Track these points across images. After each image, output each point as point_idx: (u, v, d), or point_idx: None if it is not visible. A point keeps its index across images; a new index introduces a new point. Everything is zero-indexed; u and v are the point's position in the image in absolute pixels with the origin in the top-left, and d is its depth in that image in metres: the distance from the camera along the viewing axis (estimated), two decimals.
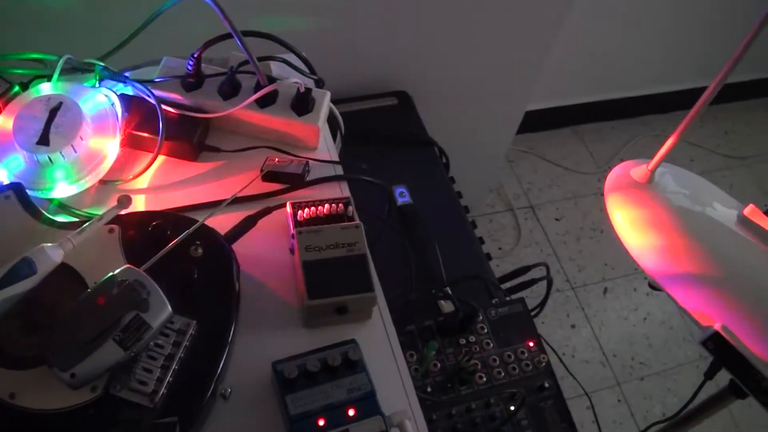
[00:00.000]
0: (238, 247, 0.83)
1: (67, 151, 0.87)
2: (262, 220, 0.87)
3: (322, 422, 0.73)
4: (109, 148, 0.91)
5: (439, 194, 1.54)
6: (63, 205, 0.89)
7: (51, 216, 0.81)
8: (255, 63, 0.93)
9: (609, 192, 1.00)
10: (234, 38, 0.90)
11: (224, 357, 0.74)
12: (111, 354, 0.68)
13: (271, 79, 0.96)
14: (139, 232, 0.80)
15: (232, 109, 0.95)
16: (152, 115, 0.94)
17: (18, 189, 0.81)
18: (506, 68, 1.82)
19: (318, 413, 0.73)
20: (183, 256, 0.78)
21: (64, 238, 0.75)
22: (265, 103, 0.96)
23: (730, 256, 0.95)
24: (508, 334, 1.24)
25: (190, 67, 0.96)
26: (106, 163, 0.91)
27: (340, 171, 0.98)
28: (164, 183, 0.95)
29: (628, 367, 2.24)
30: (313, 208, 0.87)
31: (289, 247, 0.87)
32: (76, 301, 0.71)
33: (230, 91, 0.97)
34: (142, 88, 0.96)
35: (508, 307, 1.26)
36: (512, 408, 1.16)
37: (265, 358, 0.77)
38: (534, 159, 2.67)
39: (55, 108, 0.89)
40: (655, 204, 0.96)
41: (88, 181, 0.90)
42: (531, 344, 1.23)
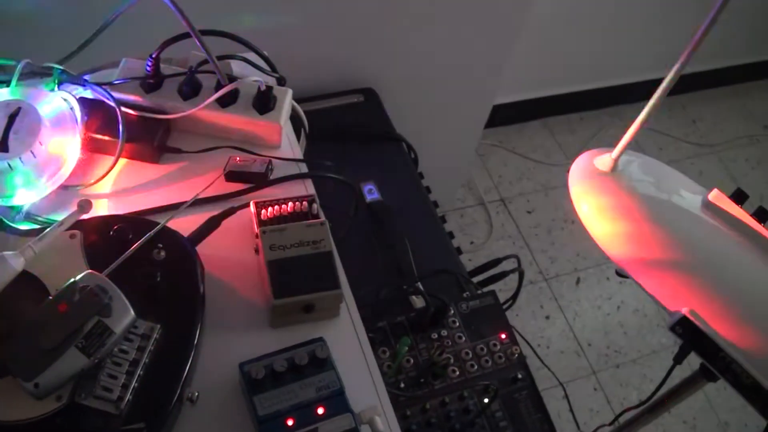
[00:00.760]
0: (202, 249, 0.82)
1: (27, 157, 0.86)
2: (226, 220, 0.86)
3: (291, 422, 0.72)
4: (70, 152, 0.90)
5: (408, 190, 1.54)
6: (23, 212, 0.88)
7: (11, 223, 0.80)
8: (214, 62, 0.92)
9: (573, 182, 1.00)
10: (192, 37, 0.89)
11: (190, 360, 0.73)
12: (74, 362, 0.67)
13: (231, 78, 0.95)
14: (100, 237, 0.79)
15: (193, 110, 0.94)
16: (112, 117, 0.93)
17: None
18: (472, 62, 1.82)
19: (287, 413, 0.73)
20: (145, 259, 0.78)
21: (25, 246, 0.74)
22: (226, 102, 0.96)
23: (695, 241, 0.95)
24: (480, 327, 1.24)
25: (149, 68, 0.95)
26: (66, 168, 0.90)
27: (304, 169, 0.98)
28: (126, 186, 0.94)
29: (604, 356, 2.26)
30: (277, 207, 0.86)
31: (254, 246, 0.87)
32: (37, 309, 0.69)
33: (190, 92, 0.96)
34: (102, 91, 0.95)
35: (480, 301, 1.27)
36: (486, 400, 1.17)
37: (232, 360, 0.76)
38: (504, 152, 2.68)
39: (14, 113, 0.87)
40: (620, 192, 0.96)
41: (49, 186, 0.88)
42: (503, 336, 1.23)
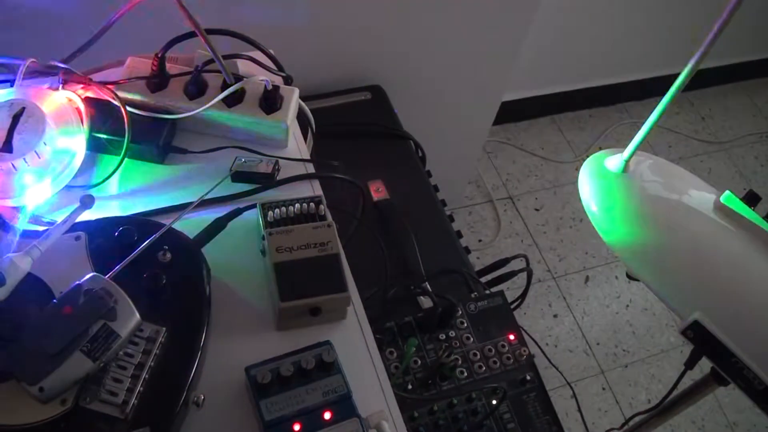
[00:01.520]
0: (207, 251, 0.81)
1: (31, 158, 0.85)
2: (232, 221, 0.86)
3: (297, 427, 0.72)
4: (75, 152, 0.89)
5: (416, 189, 1.53)
6: (28, 213, 0.87)
7: (16, 225, 0.80)
8: (220, 61, 0.91)
9: (583, 182, 1.00)
10: (198, 36, 0.88)
11: (196, 363, 0.73)
12: (79, 365, 0.67)
13: (237, 78, 0.94)
14: (105, 239, 0.78)
15: (199, 109, 0.93)
16: (117, 117, 0.93)
17: None
18: (481, 59, 1.81)
19: (293, 418, 0.72)
20: (151, 261, 0.77)
21: (31, 246, 0.73)
22: (232, 102, 0.95)
23: (707, 244, 0.94)
24: (489, 328, 1.23)
25: (154, 68, 0.94)
26: (71, 168, 0.89)
27: (311, 169, 0.97)
28: (131, 187, 0.93)
29: (612, 355, 2.25)
30: (283, 209, 0.86)
31: (260, 248, 0.86)
32: (42, 312, 0.69)
33: (196, 91, 0.95)
34: (107, 90, 0.94)
35: (488, 301, 1.26)
36: (494, 402, 1.16)
37: (238, 363, 0.76)
38: (512, 150, 2.66)
39: (18, 113, 0.86)
40: (630, 193, 0.96)
41: (54, 187, 0.88)
42: (512, 337, 1.23)
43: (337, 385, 0.75)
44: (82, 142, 0.91)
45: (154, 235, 0.77)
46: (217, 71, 0.93)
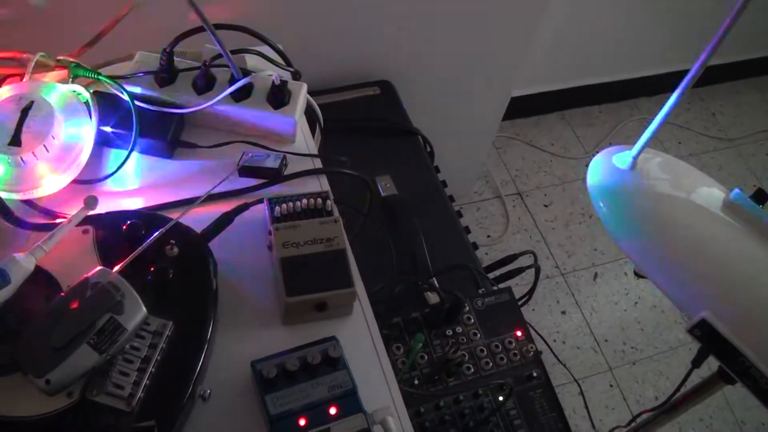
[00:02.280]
0: (214, 245, 0.81)
1: (40, 152, 0.85)
2: (239, 216, 0.86)
3: (303, 422, 0.72)
4: (83, 146, 0.89)
5: (424, 184, 1.52)
6: (35, 206, 0.88)
7: (23, 217, 0.80)
8: (228, 56, 0.91)
9: (592, 179, 0.99)
10: (206, 31, 0.88)
11: (202, 357, 0.73)
12: (86, 358, 0.67)
13: (245, 73, 0.94)
14: (113, 233, 0.78)
15: (207, 104, 0.93)
16: (126, 111, 0.93)
17: None
18: (491, 54, 1.80)
19: (299, 412, 0.72)
20: (158, 255, 0.77)
21: (35, 246, 0.73)
22: (240, 96, 0.95)
23: (715, 242, 0.94)
24: (496, 324, 1.23)
25: (163, 62, 0.94)
26: (80, 162, 0.89)
27: (318, 164, 0.97)
28: (139, 181, 0.93)
29: (620, 352, 2.24)
30: (290, 204, 0.86)
31: (267, 243, 0.86)
32: (49, 306, 0.69)
33: (204, 86, 0.95)
34: (116, 85, 0.94)
35: (495, 297, 1.26)
36: (501, 398, 1.16)
37: (244, 358, 0.76)
38: (521, 145, 2.65)
39: (27, 107, 0.87)
40: (639, 191, 0.95)
41: (62, 180, 0.88)
42: (519, 333, 1.22)
43: (342, 381, 0.75)
44: (90, 136, 0.91)
45: (161, 229, 0.77)
46: (225, 66, 0.94)
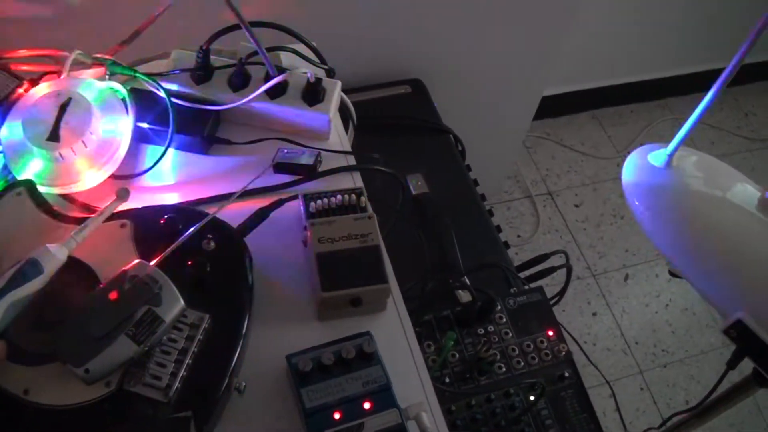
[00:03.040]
0: (250, 240, 0.82)
1: (78, 147, 0.87)
2: (275, 212, 0.87)
3: (338, 415, 0.72)
4: (120, 142, 0.91)
5: (455, 182, 1.52)
6: (73, 200, 0.89)
7: (62, 211, 0.82)
8: (264, 54, 0.92)
9: (626, 177, 0.99)
10: (242, 29, 0.89)
11: (238, 350, 0.74)
12: (124, 349, 0.68)
13: (280, 70, 0.95)
14: (150, 227, 0.79)
15: (242, 101, 0.94)
16: (162, 108, 0.94)
17: (29, 186, 0.81)
18: (522, 53, 1.80)
19: (334, 406, 0.73)
20: (195, 249, 0.78)
21: (68, 237, 0.75)
22: (275, 94, 0.96)
23: (751, 241, 0.93)
24: (527, 323, 1.22)
25: (199, 60, 0.95)
26: (117, 157, 0.90)
27: (352, 161, 0.97)
28: (175, 176, 0.95)
29: (651, 355, 2.22)
30: (325, 200, 0.86)
31: (302, 239, 0.87)
32: (88, 297, 0.71)
33: (240, 83, 0.96)
34: (152, 82, 0.95)
35: (527, 296, 1.25)
36: (532, 398, 1.15)
37: (280, 352, 0.76)
38: (552, 145, 2.64)
39: (65, 104, 0.88)
40: (674, 188, 0.94)
41: (100, 175, 0.89)
42: (550, 333, 1.22)
43: (376, 376, 0.75)
44: (127, 132, 0.92)
45: (199, 224, 0.78)
46: (261, 63, 0.94)
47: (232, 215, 0.84)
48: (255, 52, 0.94)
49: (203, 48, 0.95)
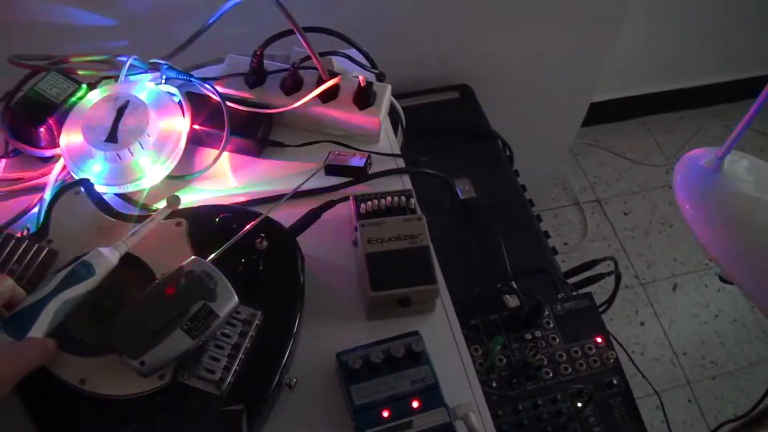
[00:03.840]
0: (302, 240, 0.83)
1: (135, 148, 0.89)
2: (326, 213, 0.88)
3: (386, 413, 0.73)
4: (176, 142, 0.93)
5: (503, 188, 1.52)
6: (130, 200, 0.92)
7: (120, 210, 0.84)
8: (316, 58, 0.93)
9: (677, 181, 0.98)
10: (296, 34, 0.91)
11: (289, 347, 0.75)
12: (179, 342, 0.70)
13: (332, 74, 0.96)
14: (205, 226, 0.81)
15: (295, 104, 0.96)
16: (217, 111, 0.96)
17: (87, 185, 0.84)
18: (570, 59, 1.79)
19: (382, 404, 0.73)
20: (248, 248, 0.80)
21: (119, 241, 0.76)
22: (327, 97, 0.97)
23: None
24: (575, 329, 1.21)
25: (253, 64, 0.97)
26: (173, 158, 0.93)
27: (401, 164, 0.98)
28: (229, 178, 0.96)
29: (699, 366, 2.18)
30: (375, 201, 0.87)
31: (352, 239, 0.88)
32: (145, 292, 0.72)
33: (293, 87, 0.98)
34: (207, 86, 0.98)
35: (575, 302, 1.24)
36: (579, 405, 1.14)
37: (329, 350, 0.77)
38: (600, 152, 2.62)
39: (123, 107, 0.91)
40: (725, 193, 0.93)
41: (157, 175, 0.91)
42: (599, 340, 1.20)
43: (425, 375, 0.76)
44: (183, 135, 0.94)
45: (253, 222, 0.80)
46: (313, 68, 0.96)
47: (285, 216, 0.85)
48: (307, 57, 0.95)
49: (257, 53, 0.97)
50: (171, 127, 0.93)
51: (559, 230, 2.41)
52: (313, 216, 0.87)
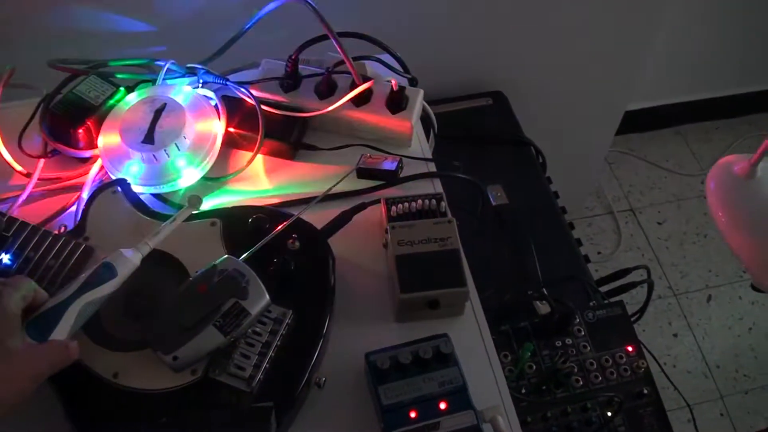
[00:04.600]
0: (333, 241, 0.84)
1: (171, 150, 0.91)
2: (357, 215, 0.89)
3: (414, 414, 0.73)
4: (212, 145, 0.94)
5: (536, 195, 1.51)
6: (166, 200, 0.93)
7: (156, 209, 0.86)
8: (350, 63, 0.94)
9: (710, 188, 0.97)
10: (330, 39, 0.92)
11: (319, 346, 0.76)
12: (211, 339, 0.71)
13: (365, 79, 0.97)
14: (238, 226, 0.83)
15: (329, 108, 0.97)
16: (252, 115, 0.98)
17: (124, 184, 0.86)
18: (605, 67, 1.78)
19: (410, 405, 0.74)
20: (281, 248, 0.81)
21: (142, 243, 0.77)
22: (360, 101, 0.98)
23: None
24: (606, 337, 1.20)
25: (288, 69, 0.99)
26: (209, 160, 0.94)
27: (432, 168, 0.99)
28: (263, 180, 0.98)
29: (732, 380, 2.15)
30: (406, 204, 0.88)
31: (383, 241, 0.89)
32: (179, 289, 0.74)
33: (326, 91, 0.99)
34: (243, 90, 0.99)
35: (607, 310, 1.23)
36: (609, 414, 1.13)
37: (358, 350, 0.78)
38: (634, 160, 2.59)
39: (160, 109, 0.93)
40: (758, 200, 0.92)
41: (193, 176, 0.93)
42: (630, 349, 1.20)
43: (453, 377, 0.76)
44: (218, 137, 0.96)
45: (285, 223, 0.81)
46: (347, 72, 0.97)
47: (317, 218, 0.86)
48: (341, 62, 0.96)
49: (292, 57, 0.98)
50: (207, 130, 0.95)
51: (592, 239, 2.39)
52: (345, 218, 0.88)
